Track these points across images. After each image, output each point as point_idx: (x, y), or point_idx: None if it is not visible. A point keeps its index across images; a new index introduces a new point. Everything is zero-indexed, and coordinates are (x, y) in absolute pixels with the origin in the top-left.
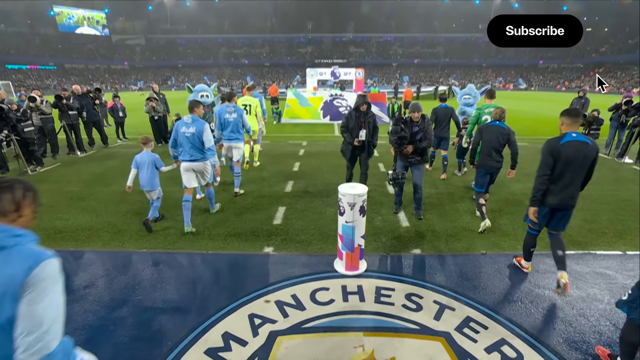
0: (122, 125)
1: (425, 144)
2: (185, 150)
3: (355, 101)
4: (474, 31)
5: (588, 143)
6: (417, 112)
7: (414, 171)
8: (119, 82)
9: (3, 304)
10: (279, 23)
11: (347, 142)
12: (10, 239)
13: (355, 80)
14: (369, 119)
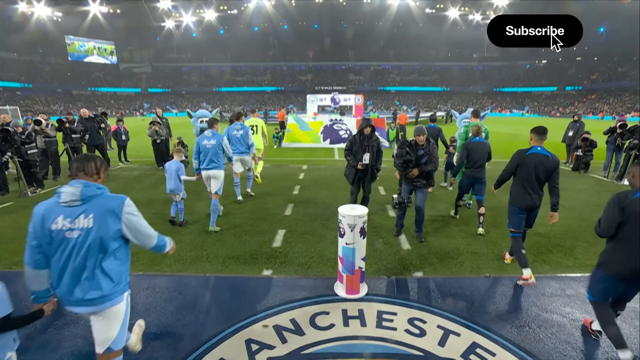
0: (124, 148)
1: (430, 168)
2: (206, 159)
3: (360, 124)
4: (469, 60)
5: (549, 156)
6: (421, 135)
7: (418, 194)
8: (124, 107)
9: (114, 220)
10: (281, 52)
11: (351, 165)
12: (99, 190)
13: (354, 105)
14: (372, 142)
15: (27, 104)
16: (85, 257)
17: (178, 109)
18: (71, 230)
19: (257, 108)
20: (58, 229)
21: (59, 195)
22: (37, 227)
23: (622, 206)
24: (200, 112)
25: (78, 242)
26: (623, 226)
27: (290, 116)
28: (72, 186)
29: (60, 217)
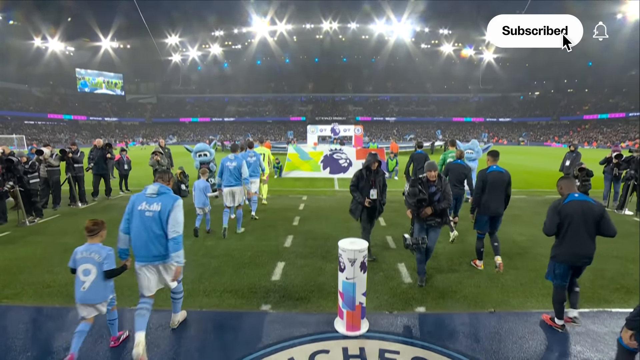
0: (126, 178)
1: (444, 205)
2: (228, 178)
3: (366, 159)
4: (464, 91)
5: (503, 172)
6: (433, 171)
7: (430, 233)
8: (128, 136)
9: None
10: (282, 84)
11: (358, 201)
12: (167, 190)
13: (354, 136)
14: (379, 177)
15: (33, 133)
16: (157, 227)
17: (179, 138)
18: (149, 211)
19: (265, 138)
20: (142, 209)
21: (146, 190)
22: (130, 208)
23: (558, 210)
24: (198, 146)
25: (153, 220)
26: (561, 226)
27: (290, 146)
28: (153, 185)
29: (144, 203)
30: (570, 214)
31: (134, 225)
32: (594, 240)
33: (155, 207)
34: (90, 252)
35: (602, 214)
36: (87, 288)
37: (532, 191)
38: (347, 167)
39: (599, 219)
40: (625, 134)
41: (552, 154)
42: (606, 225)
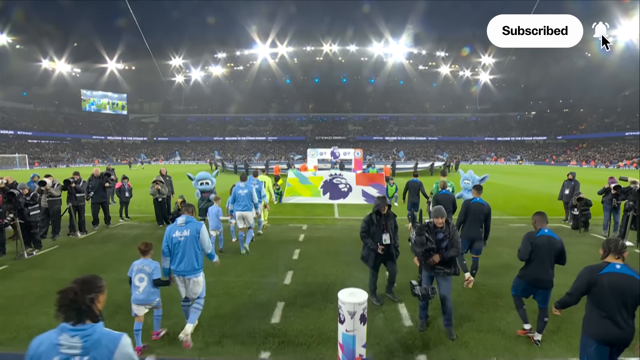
0: (126, 205)
1: (453, 253)
2: (240, 203)
3: (375, 204)
4: (462, 111)
5: (483, 203)
6: (440, 217)
7: (440, 282)
8: (129, 155)
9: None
10: (282, 104)
11: (370, 248)
12: (192, 219)
13: (354, 159)
14: (390, 220)
15: (35, 152)
16: (190, 248)
17: (181, 157)
18: (180, 236)
19: (269, 160)
20: (175, 236)
21: (176, 221)
22: (166, 236)
23: (531, 241)
24: (200, 174)
25: (185, 243)
26: (531, 253)
27: (290, 171)
28: (182, 216)
29: (176, 231)
30: (539, 245)
31: (173, 249)
32: (553, 269)
33: (185, 233)
34: (143, 265)
35: (562, 249)
36: (141, 292)
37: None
38: (347, 192)
39: (559, 253)
40: (622, 153)
41: (551, 174)
42: (562, 257)
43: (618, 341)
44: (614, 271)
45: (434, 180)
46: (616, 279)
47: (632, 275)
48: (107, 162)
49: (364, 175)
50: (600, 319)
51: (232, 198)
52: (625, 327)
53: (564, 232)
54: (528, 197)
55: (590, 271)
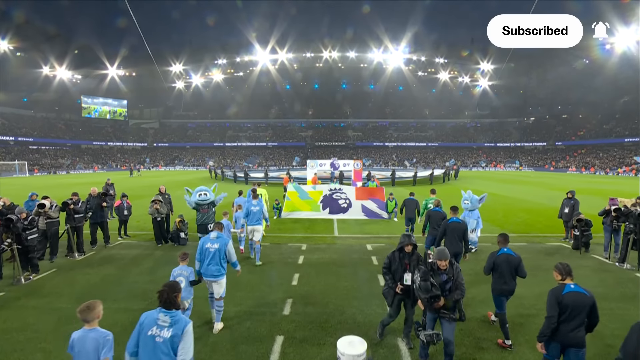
0: (125, 223)
1: (457, 296)
2: (252, 218)
3: (400, 241)
4: (461, 117)
5: (460, 222)
6: (443, 260)
7: (444, 325)
8: (129, 161)
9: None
10: (282, 109)
11: (389, 286)
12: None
13: (353, 171)
14: (414, 260)
15: (35, 158)
16: (216, 257)
17: (181, 163)
18: (211, 248)
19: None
20: (207, 247)
21: (209, 234)
22: (200, 247)
23: (493, 259)
24: (198, 188)
25: (214, 253)
26: (494, 269)
27: (290, 185)
28: (214, 232)
29: (208, 243)
30: (500, 262)
31: (204, 257)
32: (515, 280)
33: (215, 245)
34: (182, 270)
35: (519, 263)
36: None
37: (533, 237)
38: (347, 207)
39: (516, 267)
40: (622, 159)
41: (552, 183)
42: (521, 271)
43: (577, 345)
44: (571, 290)
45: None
46: (575, 297)
47: (584, 293)
48: (106, 168)
49: (364, 189)
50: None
51: (245, 213)
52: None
53: (564, 252)
54: (528, 210)
55: (556, 294)
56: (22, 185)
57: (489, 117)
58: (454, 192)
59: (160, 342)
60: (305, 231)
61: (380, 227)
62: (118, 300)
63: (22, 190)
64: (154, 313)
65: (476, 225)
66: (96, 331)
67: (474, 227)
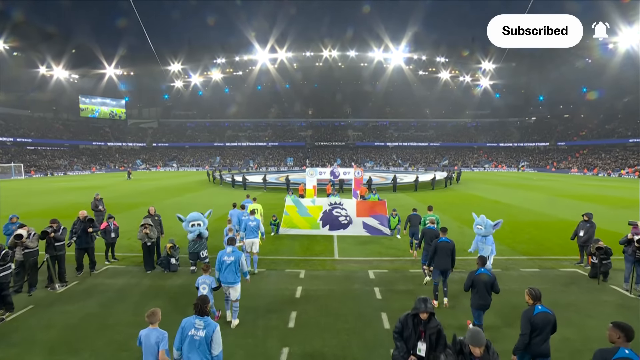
0: (112, 246)
1: None
2: (250, 232)
3: (414, 306)
4: (462, 117)
5: (449, 242)
6: (478, 347)
7: None
8: (128, 161)
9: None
10: (282, 109)
11: (400, 355)
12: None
13: (354, 179)
14: (432, 329)
15: (32, 159)
16: (232, 267)
17: (179, 164)
18: (228, 260)
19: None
20: (225, 259)
21: (226, 249)
22: (218, 259)
23: (472, 278)
24: (192, 215)
25: (230, 264)
26: (472, 286)
27: (288, 197)
28: (229, 247)
29: (225, 256)
30: (478, 281)
31: (222, 267)
32: (490, 296)
33: (231, 258)
34: (205, 279)
35: (493, 282)
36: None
37: (545, 260)
38: (347, 224)
39: (492, 284)
40: (624, 160)
41: (558, 188)
42: (496, 288)
43: (544, 355)
44: (539, 311)
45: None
46: (543, 317)
47: (549, 312)
48: (105, 169)
49: (365, 204)
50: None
51: (243, 228)
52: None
53: (581, 281)
54: (536, 225)
55: (528, 315)
56: (18, 190)
57: (490, 116)
58: (455, 200)
59: (197, 339)
60: (304, 252)
61: (382, 247)
62: (96, 351)
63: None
64: (192, 319)
65: (490, 252)
66: (157, 330)
67: (488, 254)
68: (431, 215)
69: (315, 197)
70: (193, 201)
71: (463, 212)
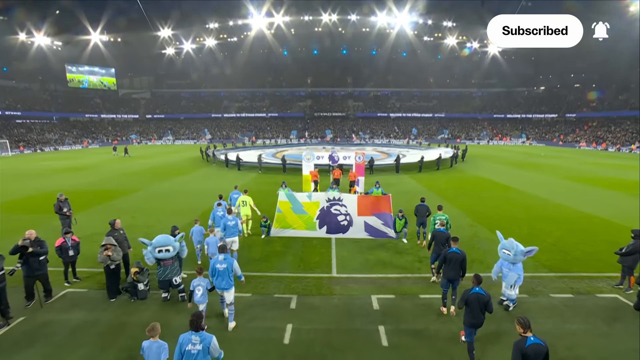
0: (73, 264)
1: None
2: (230, 232)
3: None
4: (467, 86)
5: (459, 253)
6: None
7: None
8: (121, 134)
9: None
10: (280, 78)
11: None
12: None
13: (355, 164)
14: None
15: (21, 133)
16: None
17: (175, 136)
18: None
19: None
20: (217, 267)
21: (218, 257)
22: (212, 267)
23: (465, 297)
24: (159, 239)
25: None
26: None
27: (281, 191)
28: (222, 255)
29: (218, 264)
30: (472, 300)
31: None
32: (484, 315)
33: (223, 265)
34: (200, 281)
35: (487, 301)
36: (200, 296)
37: (576, 278)
38: (347, 226)
39: (485, 304)
40: (635, 134)
41: (568, 168)
42: (489, 307)
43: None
44: (532, 343)
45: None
46: (535, 348)
47: (541, 343)
48: (97, 142)
49: (367, 200)
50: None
51: (223, 227)
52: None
53: (625, 315)
54: (558, 222)
55: (520, 346)
56: (2, 172)
57: (497, 86)
58: (463, 184)
59: (195, 352)
60: (296, 268)
61: (387, 254)
62: None
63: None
64: (188, 335)
65: (516, 281)
66: (158, 342)
67: (513, 282)
68: (440, 215)
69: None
70: (182, 188)
71: (473, 202)
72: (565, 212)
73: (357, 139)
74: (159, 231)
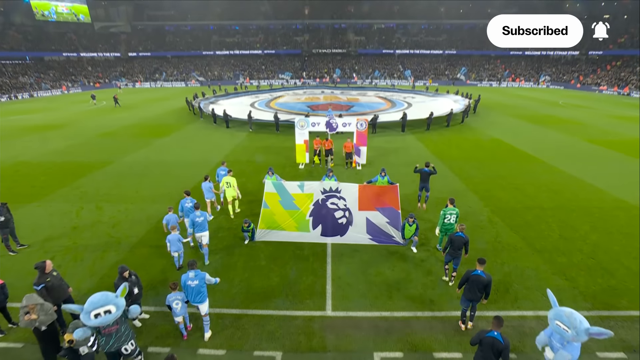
0: (3, 310)
1: None
2: (199, 227)
3: None
4: (483, 17)
5: (483, 276)
6: None
7: None
8: (103, 75)
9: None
10: (274, 8)
11: None
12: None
13: (356, 132)
14: None
15: None
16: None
17: (164, 78)
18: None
19: None
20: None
21: (188, 274)
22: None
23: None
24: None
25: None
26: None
27: (268, 180)
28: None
29: (189, 281)
30: (486, 343)
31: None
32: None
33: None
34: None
35: (503, 349)
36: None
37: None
38: (346, 225)
39: (500, 352)
40: None
41: (593, 126)
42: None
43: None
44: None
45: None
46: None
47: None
48: (77, 86)
49: (370, 191)
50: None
51: (191, 224)
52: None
53: None
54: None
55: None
56: None
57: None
58: (475, 151)
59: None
60: (283, 292)
61: (392, 272)
62: None
63: None
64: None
65: None
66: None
67: None
68: (451, 209)
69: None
70: (161, 158)
71: (491, 183)
72: (597, 198)
73: (358, 79)
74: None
